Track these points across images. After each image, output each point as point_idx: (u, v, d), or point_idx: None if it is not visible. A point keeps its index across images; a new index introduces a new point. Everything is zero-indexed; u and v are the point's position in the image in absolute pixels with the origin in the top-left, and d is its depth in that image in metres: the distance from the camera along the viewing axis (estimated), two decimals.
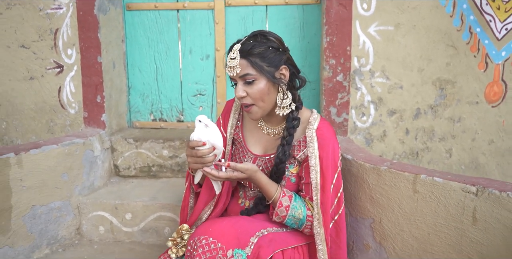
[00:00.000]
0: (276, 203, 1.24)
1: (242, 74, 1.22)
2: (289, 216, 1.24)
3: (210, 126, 1.18)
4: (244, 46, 1.24)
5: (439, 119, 1.87)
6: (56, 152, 1.73)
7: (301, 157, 1.28)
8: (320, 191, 1.24)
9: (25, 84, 2.08)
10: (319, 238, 1.24)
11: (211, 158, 1.19)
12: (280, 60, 1.26)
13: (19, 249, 1.65)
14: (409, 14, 1.79)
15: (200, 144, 1.17)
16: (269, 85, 1.24)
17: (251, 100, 1.23)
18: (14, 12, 2.02)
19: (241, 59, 1.22)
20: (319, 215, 1.24)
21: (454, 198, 1.22)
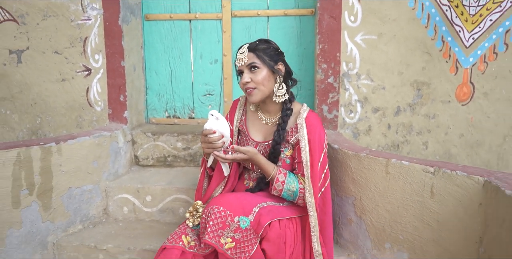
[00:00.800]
0: (274, 179, 1.53)
1: (249, 63, 1.54)
2: (285, 190, 1.53)
3: (220, 118, 1.49)
4: (251, 44, 1.58)
5: (417, 116, 2.16)
6: (88, 142, 2.04)
7: (293, 141, 1.58)
8: (310, 167, 1.53)
9: (57, 85, 2.39)
10: (311, 206, 1.54)
11: (219, 144, 1.49)
12: (278, 57, 1.58)
13: (58, 224, 1.95)
14: (390, 25, 2.08)
15: (211, 132, 1.48)
16: (269, 73, 1.55)
17: (254, 85, 1.54)
18: (49, 23, 2.33)
19: (248, 52, 1.55)
20: (309, 187, 1.53)
21: (417, 177, 1.51)
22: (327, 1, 2.09)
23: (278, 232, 1.51)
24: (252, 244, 1.44)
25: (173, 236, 1.54)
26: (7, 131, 2.49)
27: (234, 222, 1.42)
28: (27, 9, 2.33)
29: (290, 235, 1.56)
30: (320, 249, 1.56)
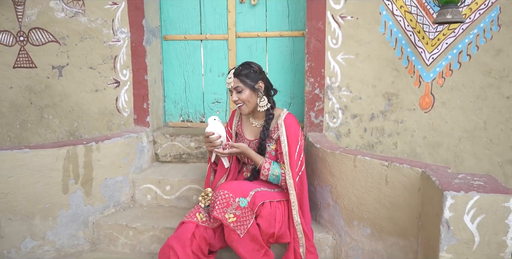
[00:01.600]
0: (261, 167, 2.01)
1: (235, 86, 2.01)
2: (270, 174, 2.01)
3: (217, 122, 1.97)
4: (236, 70, 2.04)
5: (388, 121, 2.61)
6: (120, 142, 2.53)
7: (276, 137, 2.05)
8: (288, 156, 2.00)
9: (91, 95, 2.88)
10: (290, 186, 2.00)
11: (218, 142, 1.97)
12: (258, 77, 2.04)
13: (96, 207, 2.44)
14: (365, 47, 2.54)
15: (211, 133, 1.96)
16: (251, 92, 2.02)
17: (241, 102, 2.02)
18: (85, 44, 2.83)
19: (234, 77, 2.02)
20: (289, 172, 2.00)
21: (375, 169, 1.97)
22: (314, 27, 2.56)
23: (269, 211, 1.98)
24: (249, 219, 1.91)
25: (189, 214, 2.02)
26: (49, 133, 2.99)
27: (236, 202, 1.89)
28: (67, 32, 2.83)
29: (279, 214, 2.03)
30: (299, 219, 2.03)
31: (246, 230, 1.90)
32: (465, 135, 2.54)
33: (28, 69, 2.93)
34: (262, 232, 1.96)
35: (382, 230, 1.98)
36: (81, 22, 2.80)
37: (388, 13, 2.47)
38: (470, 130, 2.53)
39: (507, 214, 1.50)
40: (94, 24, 2.79)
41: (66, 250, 2.35)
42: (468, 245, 1.53)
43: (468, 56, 2.46)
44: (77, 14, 2.79)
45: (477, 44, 2.44)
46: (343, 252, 2.18)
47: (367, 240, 2.06)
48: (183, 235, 1.93)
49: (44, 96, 2.95)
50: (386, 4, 2.46)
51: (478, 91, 2.48)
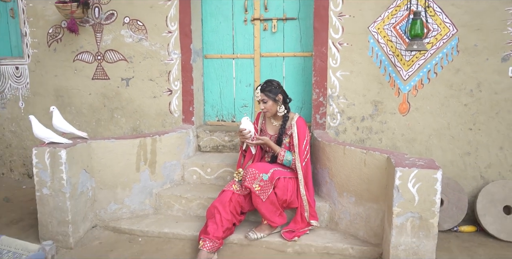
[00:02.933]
0: (279, 154, 2.88)
1: (261, 99, 2.90)
2: (285, 159, 2.88)
3: (248, 121, 2.84)
4: (262, 87, 2.91)
5: (374, 122, 3.44)
6: (174, 136, 3.44)
7: (289, 133, 2.92)
8: (298, 147, 2.87)
9: (151, 100, 3.81)
10: (298, 168, 2.87)
11: (248, 136, 2.85)
12: (277, 91, 2.91)
13: (157, 183, 3.36)
14: (357, 66, 3.38)
15: (244, 129, 2.84)
16: (273, 102, 2.90)
17: (266, 109, 2.91)
18: (147, 62, 3.76)
19: (261, 92, 2.90)
20: (297, 158, 2.87)
21: (358, 155, 2.82)
22: (319, 51, 3.41)
23: (283, 183, 2.85)
24: (269, 189, 2.79)
25: (227, 185, 2.91)
26: (117, 129, 3.93)
27: (260, 176, 2.77)
28: (133, 53, 3.77)
29: (290, 187, 2.89)
30: (304, 192, 2.90)
31: (267, 196, 2.78)
32: (433, 133, 3.35)
33: (103, 80, 3.88)
34: (278, 199, 2.84)
35: (362, 198, 2.83)
36: (144, 46, 3.73)
37: (374, 41, 3.31)
38: (437, 129, 3.34)
39: (435, 182, 2.34)
40: (154, 47, 3.72)
41: (137, 213, 3.28)
42: (410, 202, 2.37)
43: (435, 73, 3.27)
44: (141, 39, 3.73)
45: (442, 65, 3.25)
46: (336, 215, 3.03)
47: (352, 206, 2.91)
48: (224, 199, 2.83)
49: (114, 100, 3.89)
50: (373, 34, 3.30)
51: (443, 100, 3.29)
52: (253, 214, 3.08)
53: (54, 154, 2.77)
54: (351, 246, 2.76)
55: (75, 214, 2.89)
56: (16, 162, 4.29)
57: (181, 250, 2.85)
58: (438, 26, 3.19)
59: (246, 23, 3.78)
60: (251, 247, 2.87)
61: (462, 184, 3.27)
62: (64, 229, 2.86)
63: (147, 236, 3.04)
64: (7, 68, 4.10)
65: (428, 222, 2.36)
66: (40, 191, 2.85)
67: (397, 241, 2.41)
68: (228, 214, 2.78)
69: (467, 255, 2.82)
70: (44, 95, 4.06)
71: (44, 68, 4.01)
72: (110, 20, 3.76)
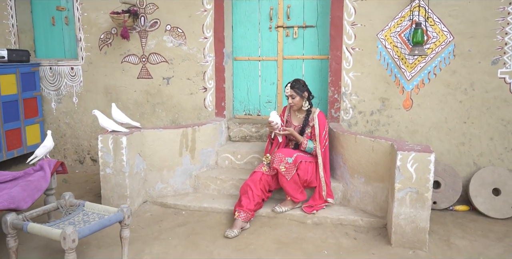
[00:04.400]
0: (302, 142, 3.46)
1: (291, 94, 3.46)
2: (307, 147, 3.45)
3: (276, 114, 3.42)
4: (291, 84, 3.47)
5: (382, 116, 3.99)
6: (210, 126, 4.03)
7: (311, 125, 3.49)
8: (319, 136, 3.45)
9: (188, 97, 4.41)
10: (318, 154, 3.44)
11: (276, 127, 3.42)
12: (304, 89, 3.47)
13: (196, 166, 3.95)
14: (367, 68, 3.93)
15: (272, 121, 3.41)
16: (300, 98, 3.47)
17: (293, 104, 3.47)
18: (185, 63, 4.36)
19: (291, 89, 3.46)
20: (317, 145, 3.44)
21: (367, 143, 3.37)
22: (334, 54, 3.97)
23: (304, 166, 3.42)
24: (293, 170, 3.36)
25: (258, 167, 3.50)
26: (158, 121, 4.55)
27: (285, 159, 3.34)
28: (174, 56, 4.37)
29: (310, 169, 3.46)
30: (323, 174, 3.48)
31: (291, 176, 3.36)
32: (433, 126, 3.89)
33: (147, 79, 4.50)
34: (300, 179, 3.41)
35: (370, 178, 3.39)
36: (183, 50, 4.34)
37: (382, 46, 3.87)
38: (436, 122, 3.88)
39: (429, 163, 2.88)
40: (191, 51, 4.32)
41: (179, 191, 3.88)
42: (409, 180, 2.93)
43: (435, 74, 3.81)
44: (180, 44, 4.33)
45: (440, 67, 3.78)
46: (348, 194, 3.60)
47: (362, 185, 3.47)
48: (255, 178, 3.41)
49: (156, 97, 4.51)
50: (381, 41, 3.86)
51: (441, 97, 3.83)
52: (278, 192, 3.66)
53: (116, 140, 3.38)
54: (361, 218, 3.33)
55: (132, 190, 3.51)
56: (69, 150, 4.94)
57: (219, 221, 3.45)
58: (437, 34, 3.73)
59: (271, 30, 4.35)
60: (276, 219, 3.46)
61: (457, 169, 3.81)
62: (123, 202, 3.47)
63: (189, 210, 3.65)
64: (63, 68, 4.75)
65: (423, 196, 2.91)
66: (104, 170, 3.47)
67: (398, 212, 2.96)
68: (258, 191, 3.37)
69: (460, 229, 3.36)
70: (95, 92, 4.69)
71: (95, 68, 4.64)
72: (154, 28, 4.36)
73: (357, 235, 3.19)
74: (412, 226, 2.94)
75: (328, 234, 3.21)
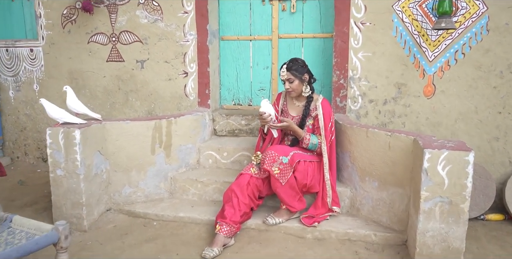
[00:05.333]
0: (303, 138, 2.77)
1: (287, 78, 2.77)
2: (310, 143, 2.77)
3: (268, 103, 2.73)
4: (288, 66, 2.78)
5: (398, 105, 3.31)
6: (190, 118, 3.35)
7: (314, 115, 2.81)
8: (324, 129, 2.77)
9: (166, 83, 3.72)
10: (324, 151, 2.77)
11: (269, 119, 2.73)
12: (304, 71, 2.79)
13: (173, 166, 3.28)
14: (380, 47, 3.24)
15: (263, 112, 2.72)
16: (299, 82, 2.78)
17: (291, 89, 2.79)
18: (162, 43, 3.66)
19: (287, 71, 2.77)
20: (323, 141, 2.77)
21: (382, 138, 2.69)
22: (340, 30, 3.28)
23: (303, 167, 2.74)
24: (289, 172, 2.68)
25: (245, 168, 2.82)
26: (132, 112, 3.86)
27: (279, 159, 2.66)
28: (149, 34, 3.68)
29: (310, 170, 2.79)
30: (329, 176, 2.80)
31: (287, 180, 2.68)
32: (460, 117, 3.20)
33: (118, 62, 3.80)
34: (297, 183, 2.73)
35: (386, 183, 2.71)
36: (160, 27, 3.64)
37: (398, 20, 3.16)
38: (464, 112, 3.19)
39: (467, 165, 2.21)
40: (169, 28, 3.62)
41: (152, 197, 3.21)
42: (440, 186, 2.25)
43: (463, 54, 3.11)
44: (156, 20, 3.63)
45: (470, 45, 3.08)
46: (358, 201, 2.92)
47: (375, 191, 2.79)
48: (241, 182, 2.73)
49: (129, 83, 3.82)
50: (398, 13, 3.15)
51: (470, 82, 3.13)
52: (271, 198, 2.98)
53: (68, 134, 2.70)
54: (374, 232, 2.65)
55: (89, 196, 2.83)
56: (31, 145, 4.26)
57: (197, 235, 2.78)
58: (466, 3, 3.02)
59: (264, 3, 3.65)
60: (269, 232, 2.78)
61: (489, 170, 3.13)
62: (78, 211, 2.81)
63: (162, 220, 2.98)
64: (22, 50, 4.05)
65: (458, 207, 2.24)
66: (54, 172, 2.79)
67: (425, 227, 2.29)
68: (245, 198, 2.69)
69: (496, 244, 2.70)
70: (59, 78, 4.00)
71: (58, 50, 3.95)
72: (125, 1, 3.66)
73: (369, 255, 2.53)
74: (442, 246, 2.27)
75: (333, 253, 2.55)
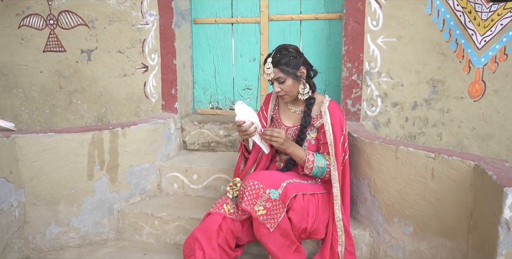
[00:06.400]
0: (305, 160, 1.85)
1: (276, 78, 1.86)
2: (315, 167, 1.85)
3: (245, 108, 1.81)
4: (274, 59, 1.87)
5: (432, 110, 2.40)
6: (146, 128, 2.44)
7: (317, 125, 1.91)
8: (334, 146, 1.86)
9: (120, 79, 2.81)
10: (334, 179, 1.86)
11: (252, 129, 1.82)
12: (299, 63, 1.88)
13: (121, 195, 2.37)
14: (409, 29, 2.33)
15: (241, 122, 1.81)
16: (294, 81, 1.87)
17: (284, 92, 1.87)
18: (114, 27, 2.75)
19: (273, 68, 1.86)
20: (334, 163, 1.86)
21: (420, 161, 1.78)
22: (352, 7, 2.37)
23: (302, 204, 1.83)
24: (280, 212, 1.77)
25: (216, 205, 1.91)
26: (78, 118, 2.94)
27: (266, 194, 1.76)
28: (96, 15, 2.76)
29: (312, 208, 1.88)
30: (341, 215, 1.89)
31: (277, 224, 1.77)
32: None
33: (58, 53, 2.89)
34: (293, 227, 1.82)
35: (427, 229, 1.80)
36: (110, 5, 2.72)
37: None
38: None
39: None
40: (122, 7, 2.70)
41: (91, 238, 2.30)
42: None
43: None
44: None
45: None
46: (381, 251, 2.01)
47: (409, 239, 1.88)
48: (209, 227, 1.83)
49: (73, 80, 2.90)
50: None
51: None
52: (256, 244, 2.07)
53: None
54: None
55: None
56: None
57: None
58: None
59: None
60: None
61: None
62: None
63: None
64: None
65: None
66: None
67: None
68: (214, 251, 1.79)
69: None
70: None
71: None
72: None
73: None
74: None
75: None
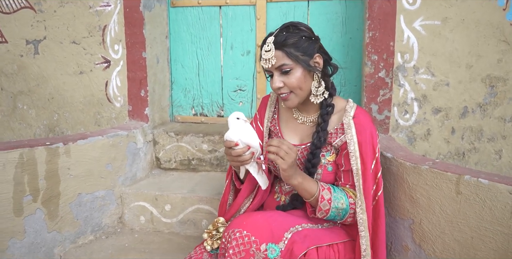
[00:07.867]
0: (318, 198, 1.22)
1: (278, 65, 1.23)
2: (333, 208, 1.22)
3: (243, 124, 1.19)
4: (277, 38, 1.24)
5: (488, 118, 1.77)
6: (101, 143, 1.81)
7: (337, 144, 1.27)
8: (362, 177, 1.22)
9: (75, 78, 2.19)
10: (362, 225, 1.22)
11: (247, 156, 1.20)
12: (313, 48, 1.25)
13: (65, 234, 1.74)
14: (458, 7, 1.71)
15: (233, 144, 1.19)
16: (305, 73, 1.24)
17: (288, 89, 1.25)
18: (66, 10, 2.13)
19: (276, 50, 1.23)
20: (361, 201, 1.22)
21: (501, 201, 1.15)
22: None
23: None
24: None
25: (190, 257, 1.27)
26: (24, 128, 2.32)
27: (261, 251, 1.12)
28: None
29: None
30: None
31: None
32: None
33: None
34: None
35: None
36: None
37: None
38: None
39: None
40: None
41: None
42: None
43: None
44: None
45: None
46: None
47: None
48: None
49: (17, 79, 2.28)
50: None
51: None
52: None
53: None
54: None
55: None
56: None
57: None
58: None
59: None
60: None
61: None
62: None
63: None
64: None
65: None
66: None
67: None
68: None
69: None
70: None
71: None
72: None
73: None
74: None
75: None
